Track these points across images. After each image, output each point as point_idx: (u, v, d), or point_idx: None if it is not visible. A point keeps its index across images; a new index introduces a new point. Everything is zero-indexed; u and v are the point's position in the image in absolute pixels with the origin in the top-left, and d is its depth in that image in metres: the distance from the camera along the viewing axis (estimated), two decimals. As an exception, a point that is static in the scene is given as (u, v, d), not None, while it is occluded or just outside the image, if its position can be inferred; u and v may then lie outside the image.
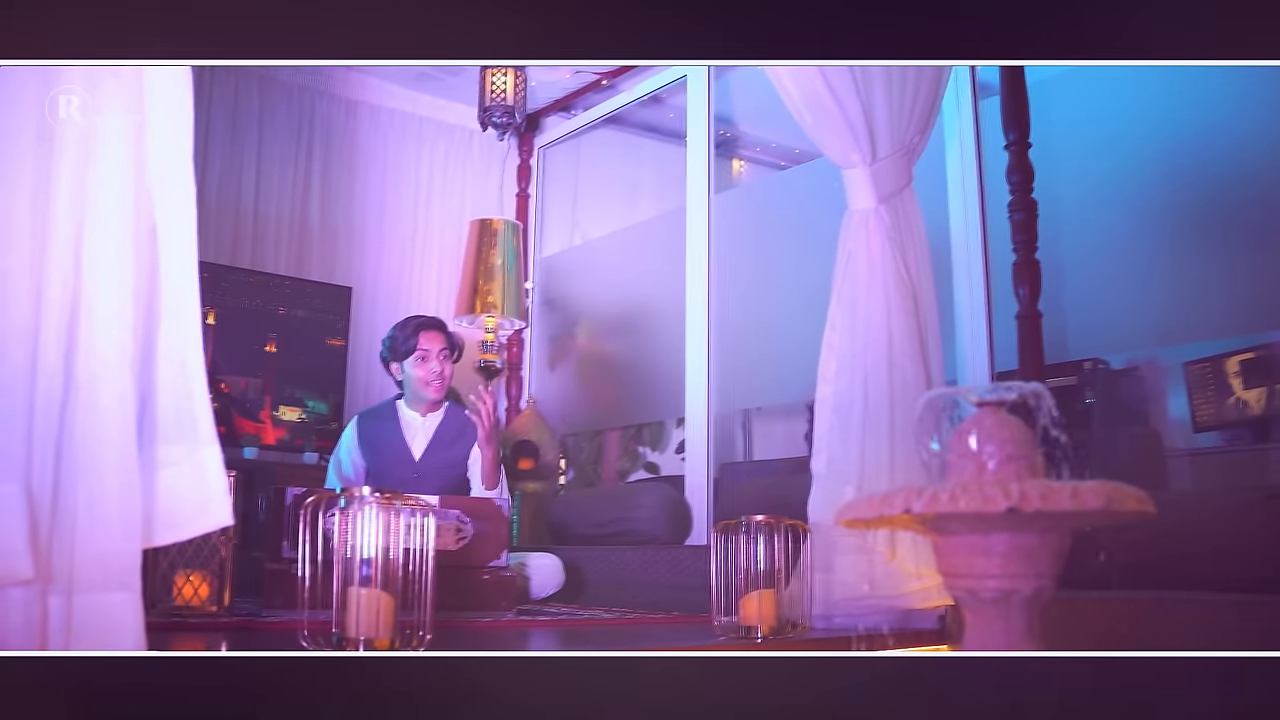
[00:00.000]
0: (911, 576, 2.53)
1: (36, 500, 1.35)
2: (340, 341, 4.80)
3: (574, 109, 5.62)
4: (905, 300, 2.77)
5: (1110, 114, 3.49)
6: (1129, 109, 3.42)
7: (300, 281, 4.86)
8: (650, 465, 5.79)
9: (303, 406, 4.64)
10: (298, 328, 4.69)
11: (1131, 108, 3.41)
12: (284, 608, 2.61)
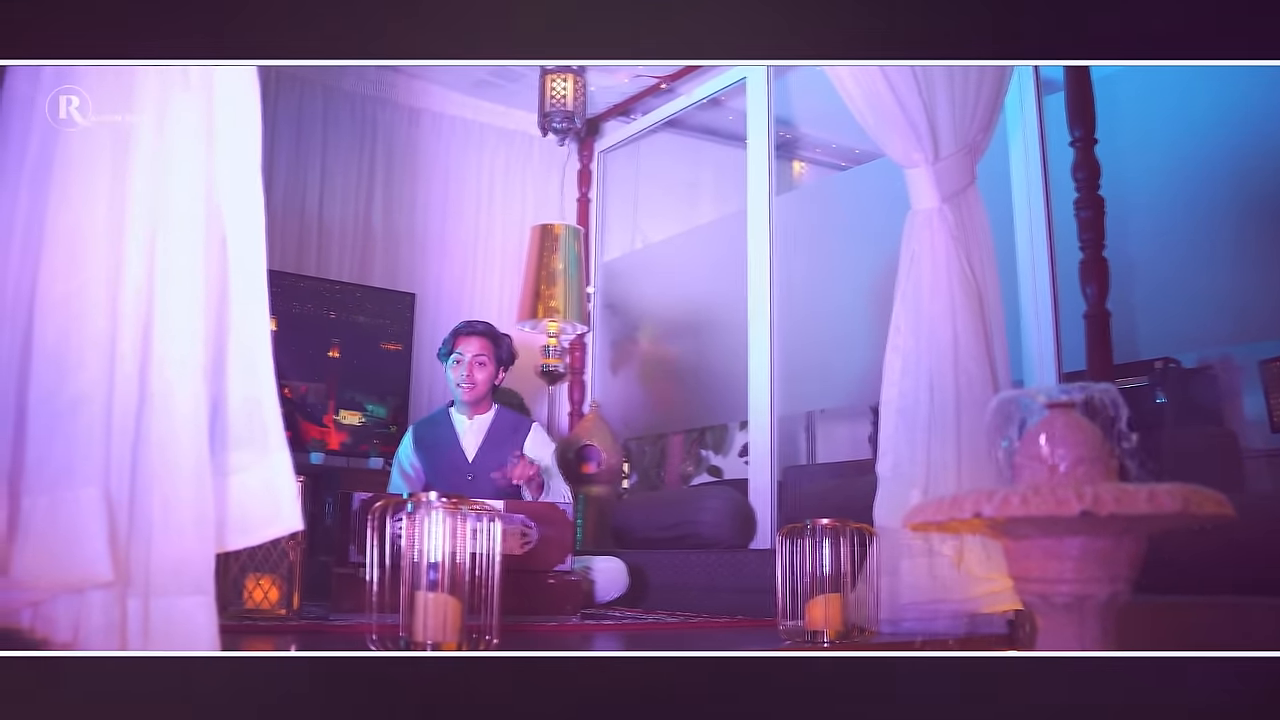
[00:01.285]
0: (979, 580, 2.49)
1: (115, 505, 1.38)
2: (397, 346, 4.84)
3: (633, 113, 5.63)
4: (970, 300, 2.74)
5: (1179, 108, 3.43)
6: (1198, 102, 3.35)
7: (364, 288, 4.91)
8: (713, 469, 5.78)
9: (362, 410, 4.69)
10: (359, 333, 4.75)
11: (1201, 101, 3.34)
12: (351, 611, 2.64)
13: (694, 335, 5.07)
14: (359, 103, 5.25)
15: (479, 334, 3.80)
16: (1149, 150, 3.46)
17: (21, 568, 1.33)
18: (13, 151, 1.47)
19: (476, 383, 3.73)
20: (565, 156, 5.75)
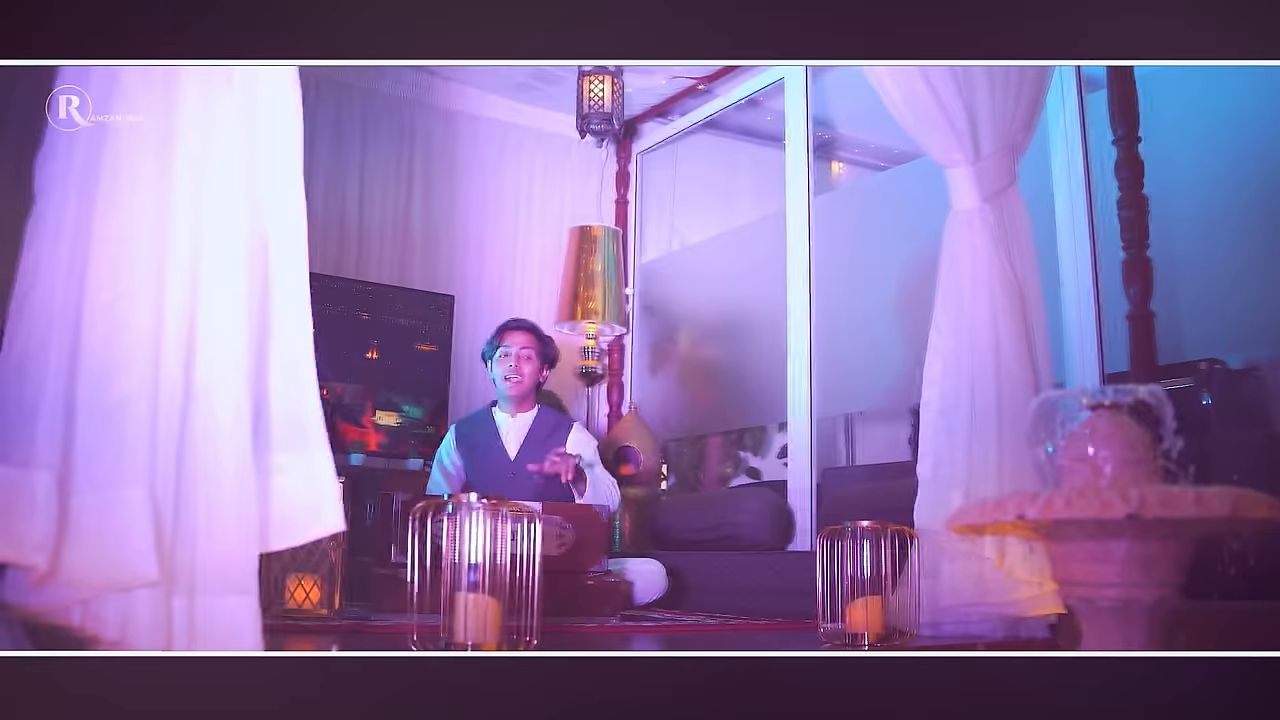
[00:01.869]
0: (1021, 583, 2.47)
1: (160, 505, 1.40)
2: (433, 347, 4.86)
3: (671, 114, 5.63)
4: (1011, 301, 2.72)
5: (1224, 105, 3.38)
6: (1244, 99, 3.30)
7: (400, 289, 4.94)
8: (752, 470, 5.76)
9: (399, 411, 4.72)
10: (397, 335, 4.78)
11: (1248, 98, 3.29)
12: (392, 611, 2.66)
13: (732, 336, 5.06)
14: (397, 106, 5.28)
15: (525, 329, 3.87)
16: (1193, 148, 3.41)
17: (71, 566, 1.35)
18: (60, 156, 1.49)
19: (524, 375, 3.78)
20: (603, 158, 5.76)
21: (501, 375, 3.81)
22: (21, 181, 3.89)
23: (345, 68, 5.05)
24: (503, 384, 3.81)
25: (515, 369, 3.79)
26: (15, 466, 1.34)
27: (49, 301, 1.43)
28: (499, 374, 3.82)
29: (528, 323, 3.96)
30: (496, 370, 3.83)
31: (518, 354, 3.80)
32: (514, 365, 3.79)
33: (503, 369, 3.80)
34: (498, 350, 3.83)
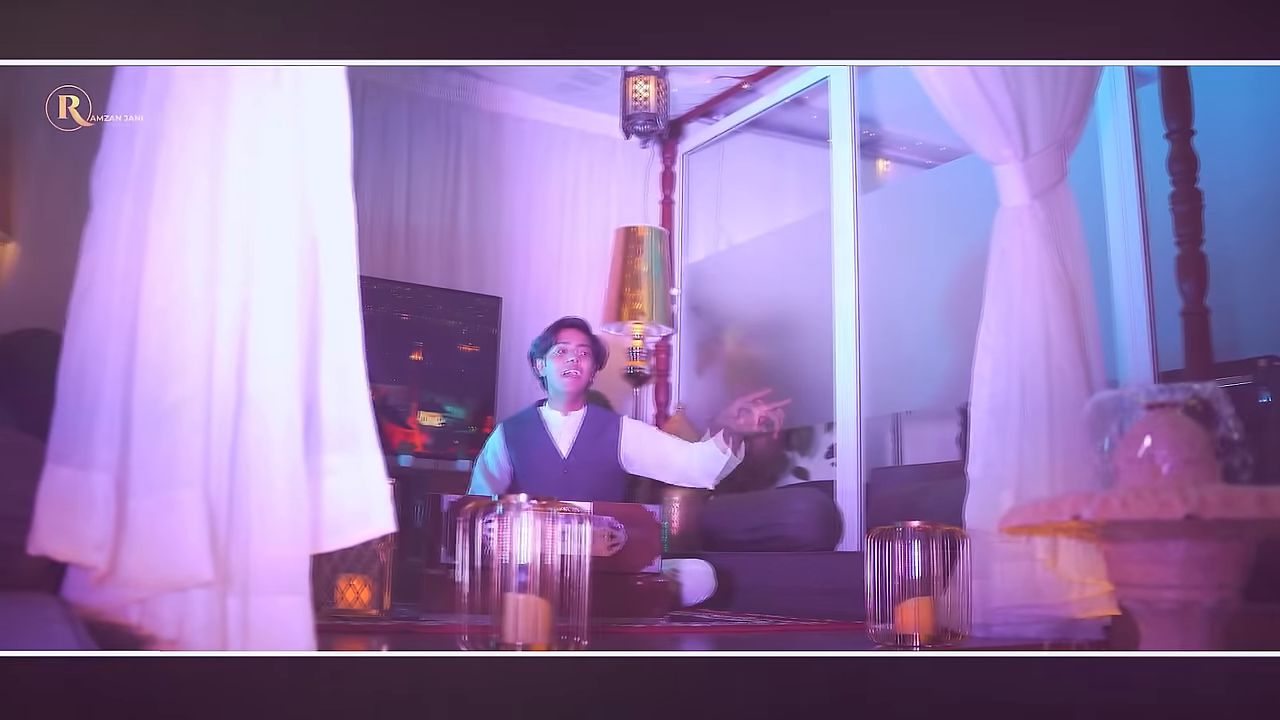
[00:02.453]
0: (1075, 584, 2.44)
1: (214, 507, 1.42)
2: (474, 348, 4.89)
3: (716, 114, 5.62)
4: (1062, 298, 2.69)
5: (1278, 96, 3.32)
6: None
7: (442, 290, 4.97)
8: (800, 470, 5.74)
9: (442, 412, 4.76)
10: (440, 336, 4.81)
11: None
12: (441, 612, 2.67)
13: (779, 336, 5.04)
14: (443, 109, 5.32)
15: (581, 327, 3.92)
16: (1248, 140, 3.35)
17: (129, 566, 1.37)
18: (116, 163, 1.51)
19: (582, 371, 3.82)
20: (648, 159, 5.76)
21: (559, 372, 3.83)
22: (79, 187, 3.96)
23: (391, 72, 5.10)
24: (560, 381, 3.83)
25: (575, 365, 3.82)
26: (75, 468, 1.37)
27: (106, 306, 1.45)
28: (555, 371, 3.84)
29: (583, 321, 4.00)
30: (552, 367, 3.85)
31: (576, 350, 3.84)
32: (573, 362, 3.82)
33: (560, 366, 3.82)
34: (553, 348, 3.86)
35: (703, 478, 3.76)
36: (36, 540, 1.34)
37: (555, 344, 3.86)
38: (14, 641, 1.13)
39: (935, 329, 4.09)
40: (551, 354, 3.86)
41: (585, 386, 3.89)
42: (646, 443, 3.85)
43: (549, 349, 3.87)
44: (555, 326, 3.93)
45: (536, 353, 3.94)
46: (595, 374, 3.94)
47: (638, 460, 3.84)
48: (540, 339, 3.94)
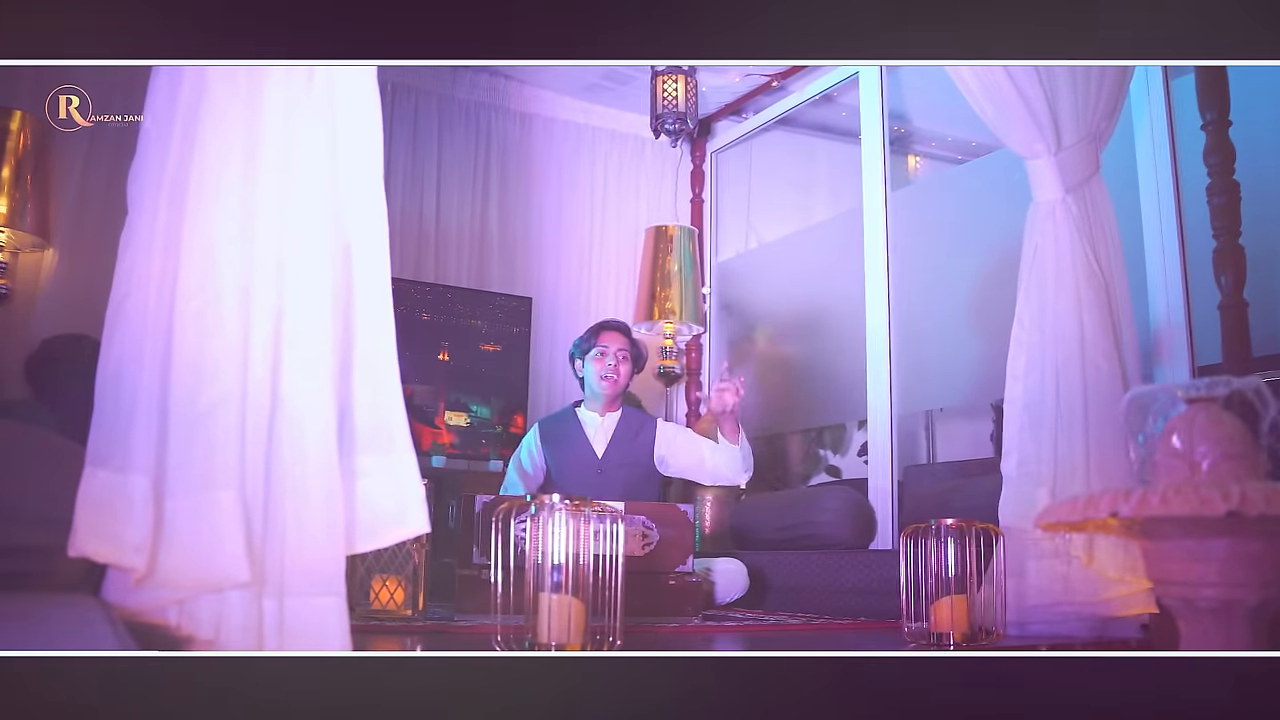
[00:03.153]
0: (1111, 582, 2.42)
1: (250, 508, 1.42)
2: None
3: (745, 112, 5.61)
4: (1097, 293, 2.66)
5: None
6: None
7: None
8: (832, 469, 5.72)
9: (468, 411, 4.78)
10: (463, 335, 4.84)
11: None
12: (475, 612, 2.68)
13: (810, 334, 5.03)
14: (472, 110, 5.34)
15: (622, 330, 3.93)
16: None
17: (167, 568, 1.38)
18: (152, 169, 1.52)
19: (620, 375, 3.83)
20: (678, 157, 5.76)
21: (599, 375, 3.83)
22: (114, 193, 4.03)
23: (421, 74, 5.12)
24: (599, 383, 3.84)
25: (614, 369, 3.83)
26: (114, 471, 1.38)
27: (143, 310, 1.46)
28: (594, 373, 3.85)
29: (624, 324, 4.02)
30: (591, 369, 3.86)
31: (615, 354, 3.84)
32: (613, 365, 3.83)
33: (600, 368, 3.83)
34: (593, 349, 3.87)
35: (732, 475, 3.77)
36: (76, 542, 1.36)
37: (595, 346, 3.87)
38: (57, 642, 1.14)
39: (967, 325, 4.06)
40: (591, 356, 3.87)
41: (623, 389, 3.90)
42: (681, 445, 3.86)
43: (589, 350, 3.88)
44: (596, 328, 3.94)
45: (576, 353, 3.95)
46: (633, 377, 3.95)
47: (673, 462, 3.85)
48: (581, 340, 3.95)
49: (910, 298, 4.31)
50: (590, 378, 3.87)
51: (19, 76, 4.03)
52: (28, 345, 4.03)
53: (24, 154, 3.97)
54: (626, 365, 3.86)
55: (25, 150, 3.98)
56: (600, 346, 3.85)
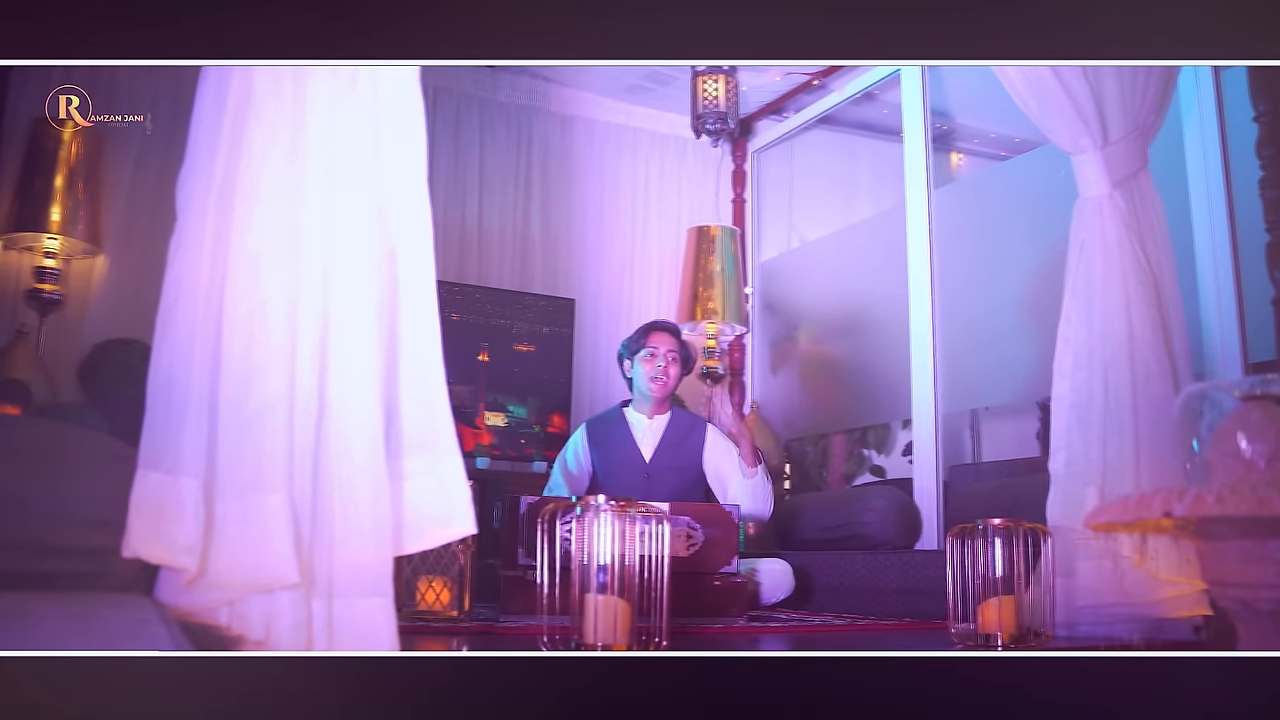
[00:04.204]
0: (1163, 583, 2.38)
1: (299, 510, 1.44)
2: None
3: (786, 111, 5.59)
4: (1146, 289, 2.63)
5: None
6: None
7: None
8: (876, 468, 5.69)
9: (505, 411, 4.81)
10: (509, 337, 4.86)
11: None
12: (520, 613, 2.69)
13: (854, 333, 5.00)
14: (514, 113, 5.36)
15: (672, 332, 3.91)
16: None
17: (217, 569, 1.40)
18: (200, 176, 1.54)
19: (670, 377, 3.82)
20: (719, 157, 5.75)
21: (649, 376, 3.82)
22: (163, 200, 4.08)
23: (462, 77, 5.15)
24: (649, 385, 3.82)
25: (664, 370, 3.81)
26: (165, 473, 1.40)
27: (192, 315, 1.48)
28: (644, 374, 3.83)
29: (674, 325, 3.99)
30: (640, 370, 3.84)
31: (665, 355, 3.82)
32: (663, 367, 3.81)
33: (649, 370, 3.82)
34: (642, 350, 3.85)
35: (752, 511, 3.77)
36: (130, 544, 1.38)
37: (645, 347, 3.85)
38: (117, 642, 1.16)
39: (1013, 323, 4.03)
40: (640, 356, 3.85)
41: (672, 391, 3.89)
42: (719, 460, 3.84)
43: (638, 351, 3.86)
44: (646, 329, 3.91)
45: (625, 354, 3.93)
46: (682, 379, 3.93)
47: (709, 473, 3.86)
48: (630, 340, 3.93)
49: (955, 296, 4.28)
50: (639, 379, 3.85)
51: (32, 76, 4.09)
52: (80, 350, 4.11)
53: (76, 163, 4.04)
54: (676, 367, 3.83)
55: (77, 159, 4.05)
56: (650, 347, 3.83)
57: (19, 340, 3.94)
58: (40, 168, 4.01)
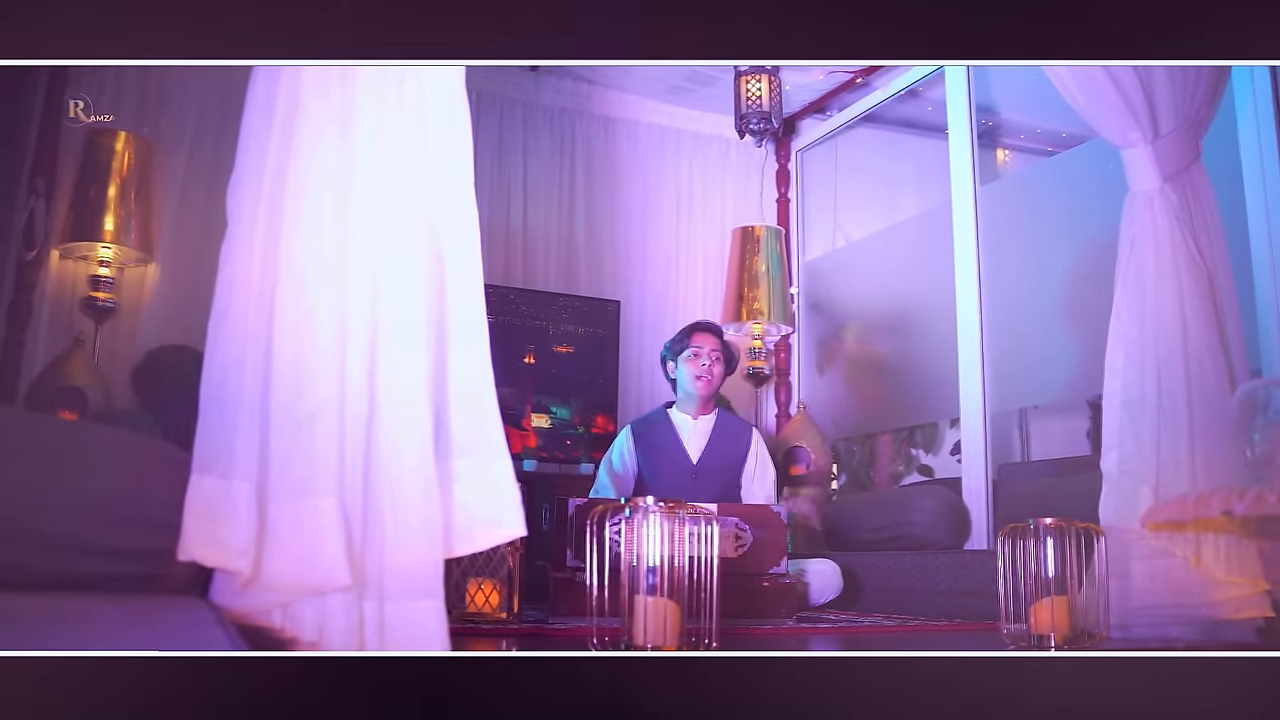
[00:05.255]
0: (1222, 584, 2.34)
1: (350, 513, 1.45)
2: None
3: (829, 110, 5.57)
4: (1199, 284, 2.59)
5: None
6: None
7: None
8: (924, 468, 5.65)
9: (548, 413, 4.82)
10: (553, 339, 4.88)
11: None
12: (569, 615, 2.69)
13: (901, 332, 4.97)
14: (557, 116, 5.38)
15: (714, 331, 3.90)
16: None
17: (270, 571, 1.41)
18: (249, 182, 1.56)
19: (715, 377, 3.82)
20: (763, 157, 5.74)
21: (693, 375, 3.81)
22: (212, 208, 4.14)
23: (505, 81, 5.18)
24: (693, 384, 3.81)
25: (708, 370, 3.80)
26: (219, 477, 1.41)
27: (243, 321, 1.49)
28: (688, 375, 3.82)
29: (716, 325, 3.98)
30: (684, 371, 3.84)
31: (709, 354, 3.82)
32: (707, 366, 3.80)
33: (694, 370, 3.81)
34: (685, 350, 3.84)
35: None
36: (185, 546, 1.39)
37: (689, 347, 3.84)
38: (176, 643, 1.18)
39: (1061, 321, 3.98)
40: (684, 357, 3.84)
41: (716, 391, 3.88)
42: (756, 471, 3.84)
43: (682, 352, 3.85)
44: (689, 329, 3.90)
45: (669, 355, 3.92)
46: (725, 378, 3.93)
47: (748, 475, 3.86)
48: (673, 341, 3.92)
49: (1002, 293, 4.24)
50: (684, 379, 3.84)
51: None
52: (133, 357, 4.17)
53: (128, 173, 4.12)
54: (720, 366, 3.83)
55: (129, 169, 4.12)
56: (694, 348, 3.82)
57: (76, 348, 4.02)
58: (94, 178, 4.09)
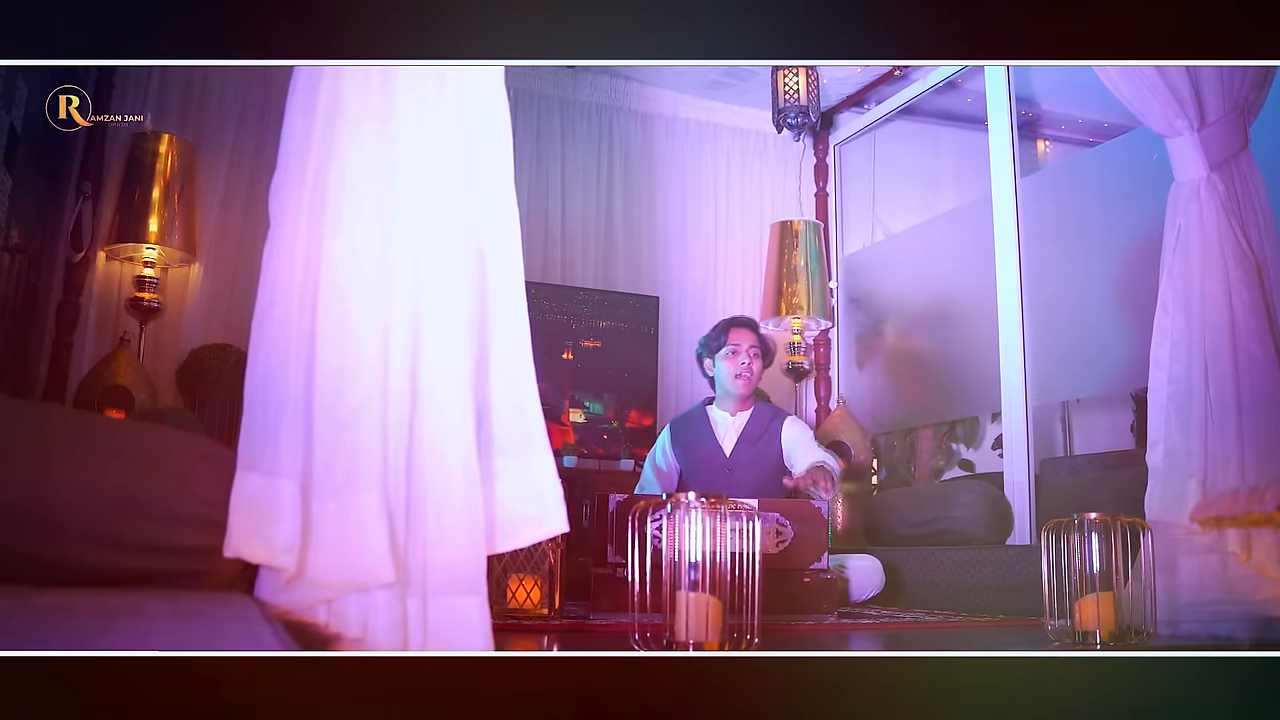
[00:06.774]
0: (1273, 580, 2.31)
1: (393, 509, 1.46)
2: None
3: (867, 103, 5.54)
4: (1248, 275, 2.55)
5: None
6: None
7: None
8: (965, 463, 5.61)
9: (584, 408, 4.84)
10: (591, 335, 4.91)
11: None
12: (611, 611, 2.70)
13: (941, 326, 4.93)
14: (594, 112, 5.39)
15: (751, 327, 3.88)
16: None
17: (315, 568, 1.42)
18: (292, 183, 1.57)
19: (754, 373, 3.80)
20: (800, 151, 5.72)
21: (732, 373, 3.78)
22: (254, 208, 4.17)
23: (543, 79, 5.19)
24: (733, 382, 3.79)
25: (748, 366, 3.78)
26: (264, 475, 1.43)
27: (287, 319, 1.51)
28: (727, 372, 3.79)
29: (753, 320, 3.96)
30: (723, 368, 3.81)
31: (748, 351, 3.79)
32: (746, 364, 3.77)
33: (733, 367, 3.78)
34: (723, 348, 3.81)
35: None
36: (231, 544, 1.40)
37: (726, 344, 3.81)
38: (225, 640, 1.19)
39: (1104, 313, 3.94)
40: (722, 354, 3.81)
41: (754, 388, 3.86)
42: (796, 448, 3.74)
43: (719, 349, 3.82)
44: (725, 326, 3.87)
45: (705, 352, 3.88)
46: (763, 373, 3.91)
47: (784, 451, 3.78)
48: (708, 338, 3.89)
49: (1044, 286, 4.19)
50: (723, 377, 3.82)
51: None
52: (178, 356, 4.23)
53: (172, 175, 4.17)
54: (758, 362, 3.80)
55: (173, 171, 4.17)
56: (732, 344, 3.80)
57: (122, 347, 4.07)
58: (138, 180, 4.14)
